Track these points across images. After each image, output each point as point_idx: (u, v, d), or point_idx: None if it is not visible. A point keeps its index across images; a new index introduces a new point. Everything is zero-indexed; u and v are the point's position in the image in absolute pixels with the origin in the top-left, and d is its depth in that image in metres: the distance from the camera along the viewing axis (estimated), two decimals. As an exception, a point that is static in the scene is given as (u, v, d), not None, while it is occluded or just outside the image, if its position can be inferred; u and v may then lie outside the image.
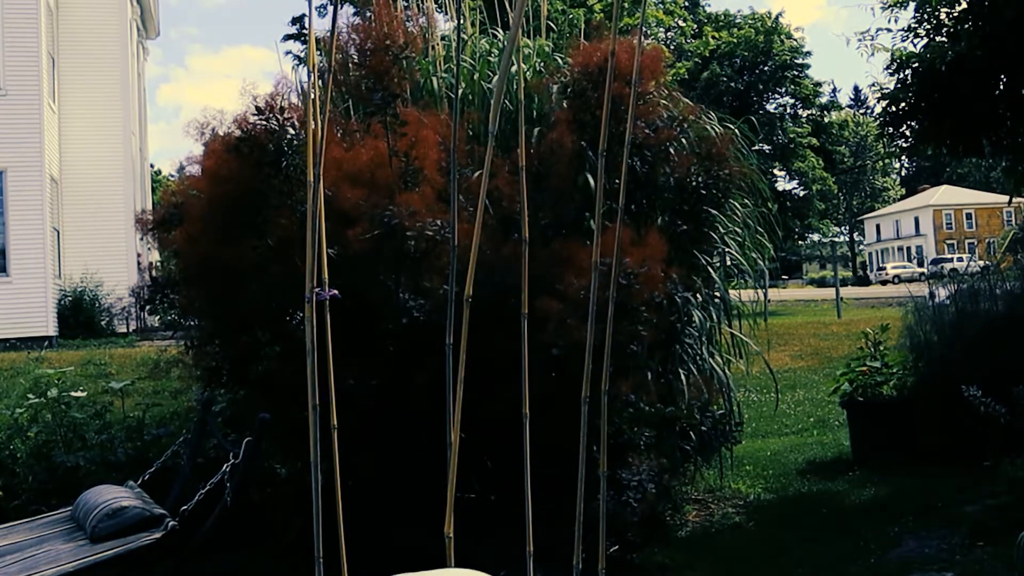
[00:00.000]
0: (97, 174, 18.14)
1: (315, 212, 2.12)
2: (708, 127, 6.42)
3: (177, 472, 5.05)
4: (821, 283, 50.49)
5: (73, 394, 6.28)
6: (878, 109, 8.84)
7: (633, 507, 4.66)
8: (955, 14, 7.93)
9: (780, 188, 42.52)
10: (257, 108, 4.99)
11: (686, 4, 36.45)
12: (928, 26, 8.15)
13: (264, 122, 4.93)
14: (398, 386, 4.68)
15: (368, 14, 6.46)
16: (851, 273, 66.61)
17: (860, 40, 9.05)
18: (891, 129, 8.40)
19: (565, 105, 5.71)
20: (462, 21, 6.80)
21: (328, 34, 3.07)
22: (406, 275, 4.84)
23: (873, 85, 9.00)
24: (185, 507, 4.26)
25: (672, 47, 33.93)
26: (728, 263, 6.46)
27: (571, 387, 2.76)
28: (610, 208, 5.11)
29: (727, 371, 6.38)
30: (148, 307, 6.06)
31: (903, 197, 72.99)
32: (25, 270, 15.76)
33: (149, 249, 13.88)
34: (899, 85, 8.14)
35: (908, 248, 68.27)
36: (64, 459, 5.63)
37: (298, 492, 4.41)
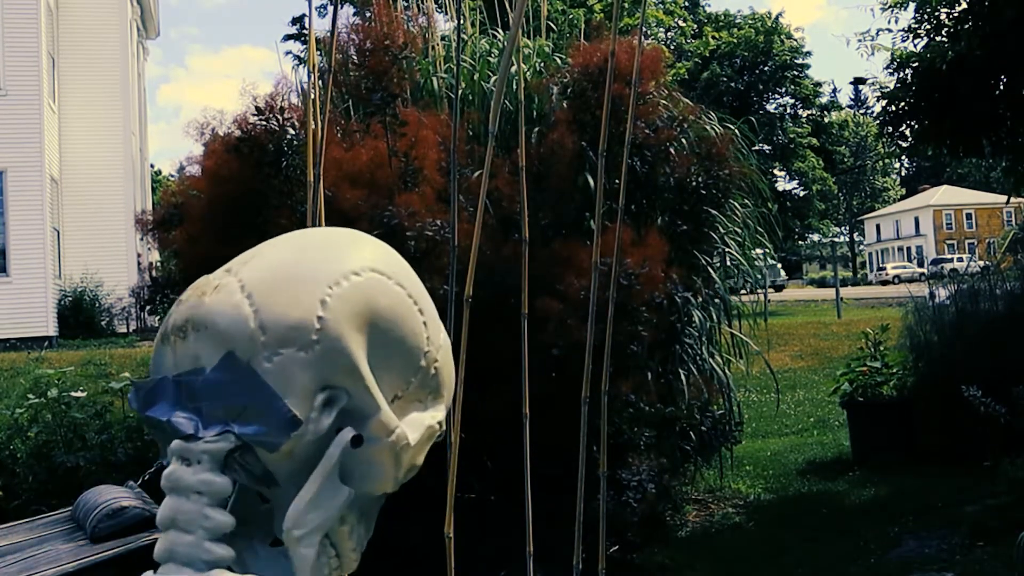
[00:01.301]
0: (97, 174, 18.13)
1: (315, 212, 2.12)
2: (708, 127, 6.42)
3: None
4: (821, 283, 50.46)
5: (73, 394, 6.27)
6: (878, 108, 8.85)
7: (633, 507, 4.66)
8: (955, 14, 7.93)
9: (780, 188, 42.54)
10: (257, 108, 4.99)
11: (686, 4, 36.45)
12: (928, 26, 8.15)
13: (264, 122, 4.93)
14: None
15: (368, 14, 6.46)
16: (851, 273, 66.51)
17: (860, 40, 9.06)
18: (891, 129, 8.40)
19: (565, 105, 5.71)
20: (462, 21, 6.79)
21: (328, 34, 3.07)
22: (406, 275, 4.83)
23: (873, 85, 9.00)
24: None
25: (672, 47, 33.93)
26: (728, 263, 6.46)
27: (571, 387, 2.76)
28: (610, 208, 5.11)
29: (727, 371, 6.38)
30: (148, 307, 6.07)
31: (903, 197, 72.97)
32: (25, 270, 15.76)
33: (149, 249, 13.89)
34: (899, 85, 8.14)
35: (908, 248, 68.22)
36: (64, 459, 5.62)
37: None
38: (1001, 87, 7.72)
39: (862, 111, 64.68)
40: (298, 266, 0.74)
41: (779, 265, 42.20)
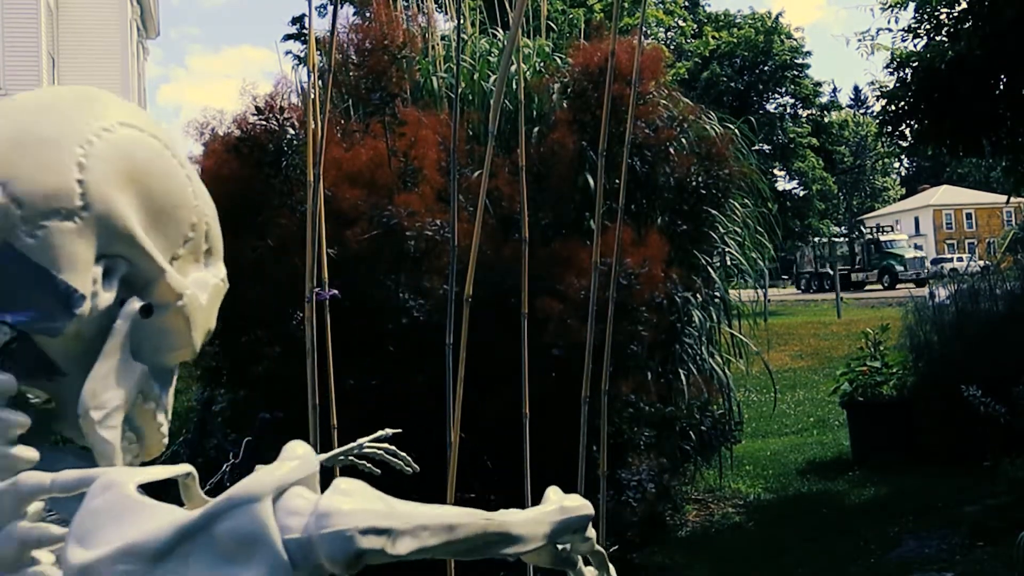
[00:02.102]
0: (97, 174, 18.13)
1: (315, 212, 2.13)
2: (708, 127, 6.42)
3: (177, 472, 5.04)
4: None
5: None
6: (877, 108, 8.85)
7: (633, 507, 4.67)
8: (955, 14, 7.93)
9: (780, 188, 42.48)
10: (257, 108, 4.99)
11: (686, 4, 36.43)
12: (928, 26, 8.14)
13: (264, 122, 4.93)
14: (398, 386, 4.68)
15: (368, 14, 6.46)
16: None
17: (860, 40, 9.06)
18: (891, 128, 8.40)
19: (565, 105, 5.71)
20: (462, 21, 6.79)
21: (328, 34, 3.07)
22: (406, 275, 4.84)
23: (872, 83, 9.00)
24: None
25: (672, 47, 33.91)
26: (728, 263, 6.46)
27: (571, 387, 2.77)
28: (610, 208, 5.11)
29: (727, 371, 6.38)
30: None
31: (903, 197, 72.88)
32: (25, 270, 15.77)
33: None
34: (899, 84, 8.14)
35: (908, 248, 68.15)
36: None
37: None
38: (1001, 87, 7.71)
39: (862, 111, 64.68)
40: (37, 128, 0.64)
41: (923, 254, 41.70)
